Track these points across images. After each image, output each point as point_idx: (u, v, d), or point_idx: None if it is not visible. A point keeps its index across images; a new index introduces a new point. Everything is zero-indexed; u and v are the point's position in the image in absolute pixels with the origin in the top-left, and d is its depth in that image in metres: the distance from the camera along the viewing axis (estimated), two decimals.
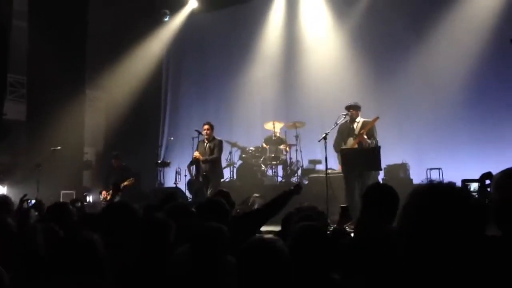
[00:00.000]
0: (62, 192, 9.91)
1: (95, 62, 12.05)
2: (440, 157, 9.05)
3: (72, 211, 3.91)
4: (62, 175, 9.98)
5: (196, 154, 8.28)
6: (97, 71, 12.16)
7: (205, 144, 8.36)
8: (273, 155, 9.68)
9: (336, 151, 7.57)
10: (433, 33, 9.67)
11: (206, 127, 8.34)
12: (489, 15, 9.07)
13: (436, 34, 9.64)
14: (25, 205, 4.44)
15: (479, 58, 9.09)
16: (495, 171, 2.46)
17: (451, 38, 9.48)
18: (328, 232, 3.21)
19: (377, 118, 7.34)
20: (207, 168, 8.28)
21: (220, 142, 8.47)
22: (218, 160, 8.38)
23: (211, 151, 8.28)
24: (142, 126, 12.45)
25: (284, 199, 4.11)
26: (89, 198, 10.29)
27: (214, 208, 3.45)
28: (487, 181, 1.94)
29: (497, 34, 8.70)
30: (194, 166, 8.57)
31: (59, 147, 9.30)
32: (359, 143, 7.24)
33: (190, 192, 9.17)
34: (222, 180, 8.86)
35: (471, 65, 9.16)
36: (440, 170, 8.67)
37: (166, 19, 12.75)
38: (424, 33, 9.76)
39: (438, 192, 1.41)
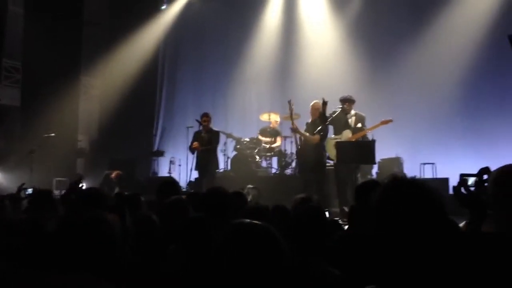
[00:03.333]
0: (55, 179, 9.88)
1: (91, 49, 11.98)
2: (434, 152, 9.10)
3: (56, 200, 3.87)
4: (55, 162, 9.95)
5: (196, 144, 8.28)
6: (93, 58, 12.07)
7: (203, 134, 8.35)
8: (268, 147, 9.68)
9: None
10: (430, 28, 9.67)
11: (205, 118, 8.34)
12: (487, 11, 9.09)
13: (433, 29, 9.64)
14: (22, 194, 4.40)
15: (475, 53, 9.13)
16: (488, 166, 2.48)
17: (447, 33, 9.50)
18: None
19: (391, 120, 7.38)
20: (204, 158, 8.29)
21: (218, 133, 8.48)
22: (214, 150, 8.38)
23: (209, 141, 8.27)
24: (137, 114, 12.39)
25: None
26: (83, 185, 10.25)
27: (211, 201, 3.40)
28: (485, 176, 1.96)
29: (494, 30, 8.73)
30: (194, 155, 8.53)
31: (52, 134, 9.26)
32: (363, 137, 7.30)
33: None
34: (217, 170, 8.87)
35: (467, 60, 9.19)
36: (434, 165, 8.73)
37: (164, 7, 12.67)
38: (421, 28, 9.76)
39: (400, 186, 1.50)
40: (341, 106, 7.44)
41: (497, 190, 1.82)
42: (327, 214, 5.34)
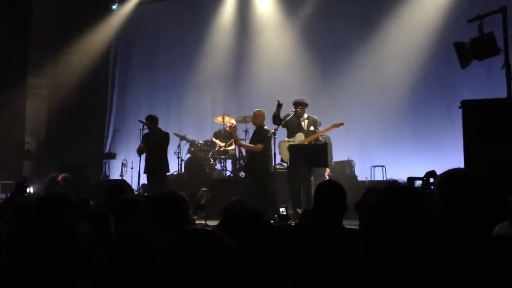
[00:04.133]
0: (1, 182, 9.51)
1: (40, 48, 11.60)
2: (384, 155, 9.34)
3: None
4: (0, 165, 9.58)
5: (141, 145, 8.15)
6: (41, 58, 11.70)
7: (151, 136, 8.23)
8: (222, 149, 9.65)
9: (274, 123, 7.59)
10: (380, 35, 9.91)
11: (147, 121, 8.21)
12: (435, 19, 9.40)
13: (383, 36, 9.89)
14: None
15: (423, 59, 9.42)
16: (436, 169, 2.57)
17: (397, 40, 9.77)
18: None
19: (342, 123, 7.52)
20: (152, 161, 8.17)
21: (166, 134, 8.33)
22: (163, 152, 8.24)
23: (157, 143, 8.14)
24: (88, 116, 12.08)
25: None
26: (30, 189, 9.89)
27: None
28: (431, 179, 2.03)
29: (442, 38, 9.02)
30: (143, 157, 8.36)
31: None
32: (315, 140, 7.40)
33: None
34: (168, 173, 8.74)
35: (415, 66, 9.48)
36: (384, 168, 8.96)
37: (115, 7, 12.43)
38: (370, 34, 9.99)
39: (395, 192, 1.51)
40: (294, 110, 7.52)
41: (442, 193, 1.87)
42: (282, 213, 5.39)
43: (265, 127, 7.72)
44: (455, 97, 7.90)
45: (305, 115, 7.58)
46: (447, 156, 8.20)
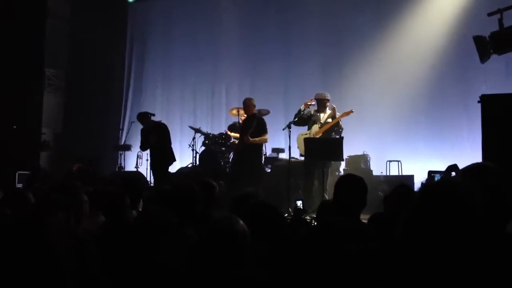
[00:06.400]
0: (18, 172, 9.63)
1: (56, 40, 11.70)
2: (400, 149, 9.26)
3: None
4: (18, 156, 9.70)
5: (152, 138, 8.26)
6: (58, 49, 11.78)
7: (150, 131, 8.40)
8: (236, 142, 9.65)
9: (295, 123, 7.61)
10: (397, 27, 9.80)
11: (140, 121, 8.46)
12: (454, 12, 9.27)
13: (400, 28, 9.78)
14: None
15: (440, 53, 9.31)
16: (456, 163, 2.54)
17: (414, 33, 9.65)
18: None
19: (351, 111, 7.50)
20: (156, 155, 8.30)
21: (164, 126, 8.45)
22: (165, 147, 8.36)
23: (159, 137, 8.27)
24: (103, 108, 12.17)
25: None
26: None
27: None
28: (453, 173, 2.00)
29: (460, 31, 8.91)
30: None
31: (14, 127, 9.01)
32: (327, 132, 7.37)
33: None
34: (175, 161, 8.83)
35: (432, 60, 9.36)
36: (400, 162, 8.90)
37: (131, 0, 12.48)
38: (388, 27, 9.88)
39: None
40: (313, 103, 7.55)
41: None
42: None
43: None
44: (473, 91, 7.82)
45: (327, 110, 7.57)
46: (464, 151, 8.12)
